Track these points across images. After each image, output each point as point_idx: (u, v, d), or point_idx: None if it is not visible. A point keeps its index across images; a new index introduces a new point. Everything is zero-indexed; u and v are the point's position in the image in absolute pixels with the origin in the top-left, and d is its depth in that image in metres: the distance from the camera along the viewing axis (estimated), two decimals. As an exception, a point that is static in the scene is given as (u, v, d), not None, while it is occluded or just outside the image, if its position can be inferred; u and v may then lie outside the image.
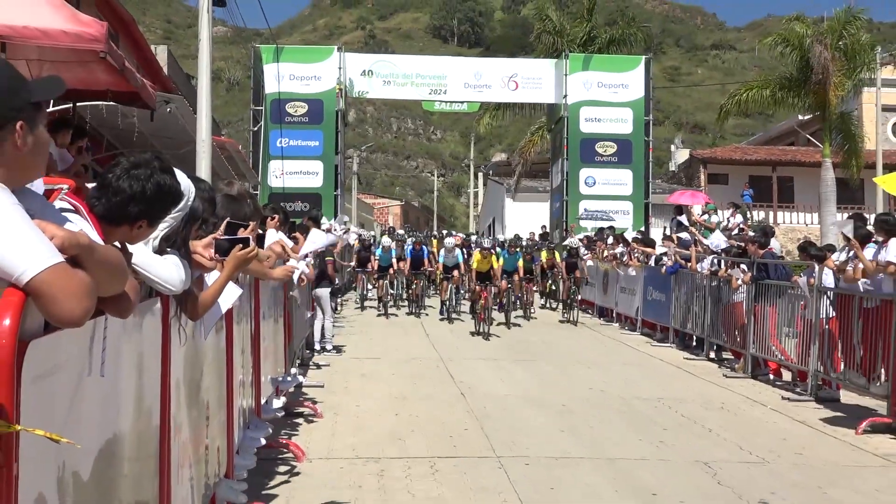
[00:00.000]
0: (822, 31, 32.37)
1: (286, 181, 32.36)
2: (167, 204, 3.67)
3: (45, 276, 2.47)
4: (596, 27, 40.10)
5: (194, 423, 5.15)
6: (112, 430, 3.43)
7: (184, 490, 4.81)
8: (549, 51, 38.66)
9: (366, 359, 15.78)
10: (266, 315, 8.91)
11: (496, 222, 50.22)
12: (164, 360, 4.26)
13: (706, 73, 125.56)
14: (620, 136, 34.19)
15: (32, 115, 2.78)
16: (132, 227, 3.51)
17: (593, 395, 12.68)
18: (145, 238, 3.76)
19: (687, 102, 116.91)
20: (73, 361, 2.93)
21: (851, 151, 32.98)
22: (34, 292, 2.47)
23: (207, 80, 17.07)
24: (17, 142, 2.69)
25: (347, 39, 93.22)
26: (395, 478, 8.20)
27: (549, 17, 40.23)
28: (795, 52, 32.27)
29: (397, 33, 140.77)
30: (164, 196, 3.58)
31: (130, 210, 3.46)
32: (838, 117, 32.74)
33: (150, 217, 3.56)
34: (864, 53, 32.66)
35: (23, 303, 2.45)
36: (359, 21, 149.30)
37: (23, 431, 2.42)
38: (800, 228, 41.35)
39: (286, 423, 10.09)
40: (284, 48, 35.53)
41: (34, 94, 2.81)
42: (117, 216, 3.43)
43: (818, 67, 30.97)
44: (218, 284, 4.91)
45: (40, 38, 9.24)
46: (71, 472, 2.92)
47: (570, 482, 8.16)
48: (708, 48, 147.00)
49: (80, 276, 2.59)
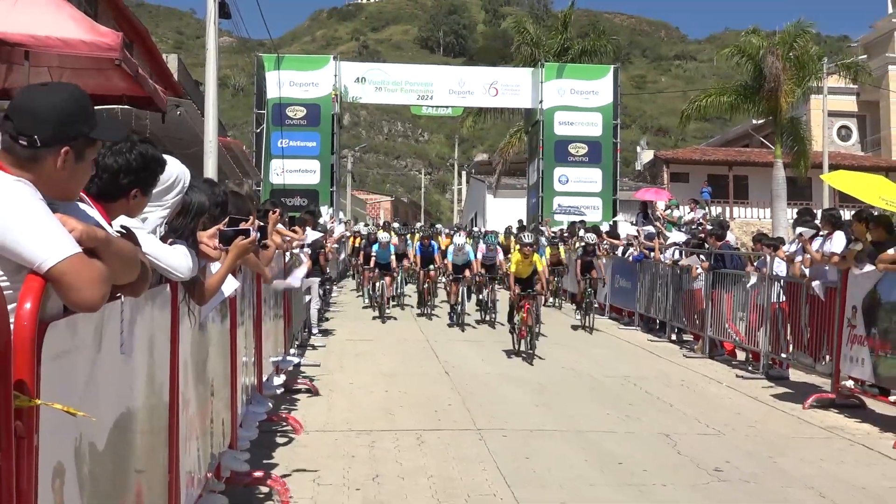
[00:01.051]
0: (775, 44, 32.46)
1: (286, 178, 32.29)
2: (154, 170, 3.59)
3: (64, 265, 2.47)
4: (570, 39, 40.06)
5: (201, 398, 5.14)
6: (126, 405, 3.42)
7: (191, 460, 4.80)
8: (527, 60, 38.67)
9: (359, 340, 15.76)
10: (267, 301, 8.90)
11: (478, 216, 50.18)
12: (174, 341, 4.25)
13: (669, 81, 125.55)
14: (591, 139, 34.23)
15: (83, 147, 2.79)
16: (128, 199, 3.46)
17: (566, 374, 12.71)
18: (144, 208, 3.71)
19: (652, 108, 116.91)
20: (89, 341, 2.92)
21: (800, 153, 33.13)
22: (54, 279, 2.47)
23: (214, 86, 17.02)
24: (58, 163, 2.70)
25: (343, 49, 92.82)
26: (385, 449, 8.21)
27: (526, 29, 40.25)
28: (750, 63, 32.38)
29: (388, 44, 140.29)
30: (148, 163, 3.52)
31: (121, 182, 3.41)
32: (789, 122, 32.91)
33: (141, 185, 3.49)
34: (812, 64, 32.80)
35: (43, 288, 2.45)
36: (353, 33, 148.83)
37: (42, 406, 2.42)
38: (753, 222, 41.43)
39: (285, 399, 10.09)
40: (285, 57, 35.40)
41: (95, 131, 2.83)
42: (111, 191, 3.38)
43: (771, 76, 31.08)
44: (222, 271, 4.90)
45: (61, 47, 9.19)
46: (87, 443, 2.91)
47: (544, 452, 8.19)
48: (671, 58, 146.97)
49: (97, 266, 2.59)
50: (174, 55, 28.87)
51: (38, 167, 2.66)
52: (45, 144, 2.66)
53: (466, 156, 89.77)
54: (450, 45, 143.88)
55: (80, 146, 2.75)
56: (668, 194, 32.08)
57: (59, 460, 2.63)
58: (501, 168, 46.61)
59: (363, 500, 6.66)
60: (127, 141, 3.47)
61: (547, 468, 7.63)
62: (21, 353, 2.32)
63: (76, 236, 2.57)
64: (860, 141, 50.30)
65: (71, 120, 2.72)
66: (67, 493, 2.70)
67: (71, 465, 2.74)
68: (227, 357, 6.19)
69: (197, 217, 4.53)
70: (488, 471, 7.50)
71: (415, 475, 7.33)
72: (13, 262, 2.50)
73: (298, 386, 10.91)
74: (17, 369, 2.29)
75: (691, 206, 26.87)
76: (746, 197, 45.13)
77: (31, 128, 2.64)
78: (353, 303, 23.36)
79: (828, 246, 11.03)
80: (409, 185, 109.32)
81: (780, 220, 31.26)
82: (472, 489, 6.96)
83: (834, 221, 11.33)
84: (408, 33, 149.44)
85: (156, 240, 3.85)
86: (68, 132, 2.71)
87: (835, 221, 11.34)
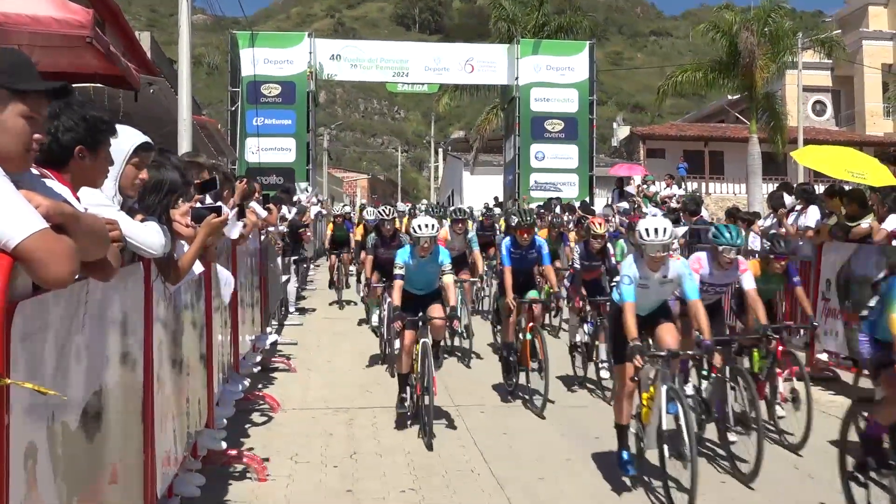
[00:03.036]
0: (749, 19, 32.41)
1: (262, 157, 32.01)
2: (94, 125, 3.38)
3: (31, 242, 2.43)
4: (546, 15, 39.91)
5: (176, 377, 5.12)
6: (98, 384, 3.40)
7: (168, 439, 4.79)
8: (504, 37, 38.47)
9: (337, 319, 15.73)
10: (243, 279, 8.86)
11: (455, 194, 50.06)
12: (147, 320, 4.22)
13: (645, 58, 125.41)
14: (567, 115, 34.13)
15: (6, 100, 2.69)
16: (77, 160, 3.30)
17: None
18: (105, 175, 3.55)
19: (628, 84, 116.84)
20: (59, 321, 2.90)
21: (776, 128, 33.16)
22: (22, 256, 2.43)
23: (188, 62, 16.85)
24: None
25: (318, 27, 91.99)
26: (362, 426, 8.22)
27: (502, 5, 40.04)
28: (725, 38, 32.32)
29: (364, 21, 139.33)
30: (84, 116, 3.34)
31: (63, 141, 3.26)
32: (764, 97, 32.90)
33: (83, 142, 3.32)
34: (787, 39, 32.77)
35: (10, 266, 2.41)
36: (328, 10, 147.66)
37: (13, 385, 2.40)
38: (729, 198, 41.53)
39: (263, 378, 10.07)
40: (259, 34, 35.06)
41: (11, 79, 2.71)
42: (57, 154, 3.23)
43: (745, 52, 31.05)
44: (193, 249, 4.85)
45: (31, 24, 9.06)
46: (60, 422, 2.89)
47: (520, 428, 8.22)
48: (647, 35, 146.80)
49: (65, 241, 2.55)
50: (147, 33, 28.52)
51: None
52: None
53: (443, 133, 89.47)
54: (426, 22, 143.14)
55: (2, 97, 2.61)
56: (643, 169, 32.18)
57: (30, 440, 2.61)
58: (478, 145, 46.48)
59: (341, 477, 6.67)
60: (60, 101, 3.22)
61: (524, 443, 7.67)
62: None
63: (42, 212, 2.53)
64: (834, 116, 50.51)
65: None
66: (40, 472, 2.68)
67: (44, 445, 2.72)
68: (203, 336, 6.16)
69: (170, 194, 4.49)
70: (466, 447, 7.52)
71: (392, 452, 7.34)
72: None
73: (276, 364, 10.89)
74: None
75: (667, 181, 26.94)
76: (722, 172, 45.24)
77: None
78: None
79: (802, 220, 11.09)
80: (385, 162, 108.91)
81: (755, 195, 31.33)
82: (450, 466, 6.99)
83: (808, 196, 11.39)
84: (383, 10, 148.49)
85: (127, 217, 3.80)
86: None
87: (808, 196, 11.40)
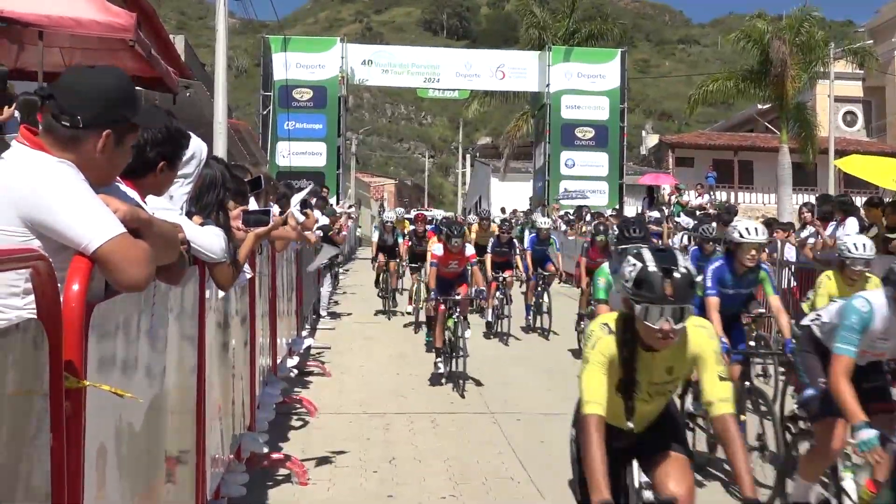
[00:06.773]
0: (781, 28, 32.25)
1: (293, 161, 32.15)
2: (178, 142, 3.55)
3: (110, 246, 2.46)
4: (577, 22, 39.89)
5: (224, 380, 5.15)
6: (159, 386, 3.42)
7: (216, 440, 4.82)
8: (534, 43, 38.46)
9: (368, 323, 15.75)
10: (282, 283, 8.90)
11: (482, 200, 50.05)
12: (201, 322, 4.25)
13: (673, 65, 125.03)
14: (597, 122, 34.10)
15: (123, 133, 2.77)
16: (156, 174, 3.43)
17: (574, 357, 12.70)
18: (171, 184, 3.66)
19: (655, 92, 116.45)
20: (128, 323, 2.92)
21: (807, 138, 32.93)
22: (101, 260, 2.46)
23: (223, 66, 17.02)
24: (98, 146, 2.68)
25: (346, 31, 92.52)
26: (398, 431, 8.23)
27: (533, 12, 40.04)
28: (756, 48, 32.15)
29: (391, 26, 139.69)
30: (172, 135, 3.49)
31: (148, 156, 3.37)
32: (795, 107, 32.69)
33: (167, 157, 3.46)
34: (818, 49, 32.59)
35: (90, 269, 2.44)
36: (356, 14, 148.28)
37: (90, 387, 2.42)
38: (758, 208, 41.29)
39: (299, 381, 10.09)
40: (291, 39, 35.26)
41: (137, 117, 2.82)
42: (139, 166, 3.31)
43: (777, 61, 30.89)
44: (244, 252, 4.89)
45: (74, 27, 9.18)
46: (126, 423, 2.92)
47: (558, 435, 8.18)
48: (675, 43, 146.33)
49: (142, 246, 2.58)
50: (181, 36, 28.68)
51: (77, 149, 2.64)
52: (87, 125, 2.64)
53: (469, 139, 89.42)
54: (453, 28, 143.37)
55: (121, 131, 2.74)
56: (673, 179, 32.04)
57: (101, 441, 2.63)
58: (509, 152, 46.47)
59: (380, 482, 6.67)
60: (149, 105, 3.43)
61: (563, 451, 7.63)
62: (70, 334, 2.32)
63: (120, 217, 2.56)
64: (865, 127, 50.11)
65: (115, 103, 2.71)
66: (109, 473, 2.70)
67: (112, 445, 2.75)
68: (247, 339, 6.19)
69: (222, 189, 4.53)
70: (504, 454, 7.51)
71: (431, 458, 7.34)
72: (55, 242, 2.49)
73: (310, 368, 10.91)
74: (66, 350, 2.29)
75: (698, 190, 26.82)
76: (751, 182, 44.94)
77: (75, 107, 2.63)
78: (360, 286, 23.32)
79: (841, 231, 11.01)
80: (412, 167, 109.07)
81: (785, 205, 31.12)
82: (489, 473, 6.98)
83: (846, 208, 11.31)
84: (411, 15, 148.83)
85: (188, 221, 3.83)
86: (111, 115, 2.69)
87: (847, 208, 11.32)
